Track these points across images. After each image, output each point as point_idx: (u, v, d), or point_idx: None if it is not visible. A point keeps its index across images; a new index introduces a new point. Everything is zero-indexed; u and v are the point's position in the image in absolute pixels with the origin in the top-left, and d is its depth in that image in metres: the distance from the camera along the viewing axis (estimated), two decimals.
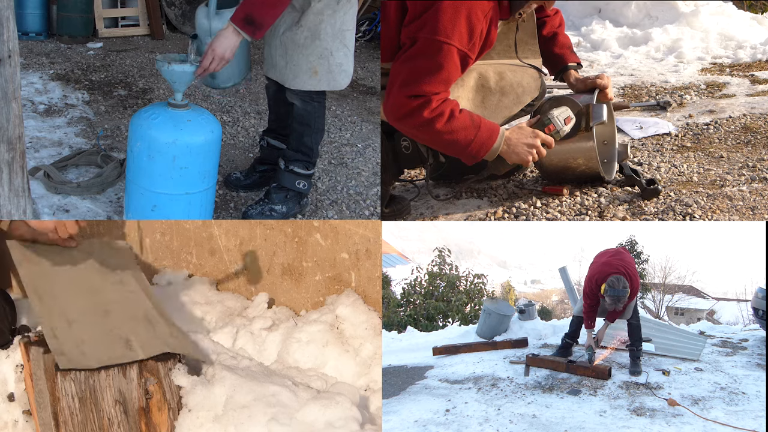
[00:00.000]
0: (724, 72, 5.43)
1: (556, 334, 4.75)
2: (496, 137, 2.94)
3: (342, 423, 2.31)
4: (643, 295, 12.17)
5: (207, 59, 2.88)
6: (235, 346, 2.91)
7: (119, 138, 4.35)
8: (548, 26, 3.34)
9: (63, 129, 4.40)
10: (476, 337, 4.92)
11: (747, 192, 3.22)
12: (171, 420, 2.29)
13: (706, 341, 4.35)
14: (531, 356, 3.94)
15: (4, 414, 2.46)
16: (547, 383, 3.54)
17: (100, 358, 2.24)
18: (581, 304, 4.04)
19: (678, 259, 20.78)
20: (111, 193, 3.62)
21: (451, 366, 4.11)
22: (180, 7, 7.16)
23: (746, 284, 15.53)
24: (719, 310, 16.56)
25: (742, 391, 3.36)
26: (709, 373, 3.71)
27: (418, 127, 2.88)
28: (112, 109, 4.89)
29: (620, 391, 3.36)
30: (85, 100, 4.98)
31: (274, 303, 3.25)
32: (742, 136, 3.98)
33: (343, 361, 2.82)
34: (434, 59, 2.82)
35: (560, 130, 3.05)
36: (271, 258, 3.23)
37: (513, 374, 3.77)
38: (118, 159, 3.76)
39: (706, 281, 20.53)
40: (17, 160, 2.76)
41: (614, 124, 3.41)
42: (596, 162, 3.18)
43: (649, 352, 4.13)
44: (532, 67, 3.25)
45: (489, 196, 3.34)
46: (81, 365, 2.20)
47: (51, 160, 3.87)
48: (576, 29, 7.01)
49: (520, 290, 27.41)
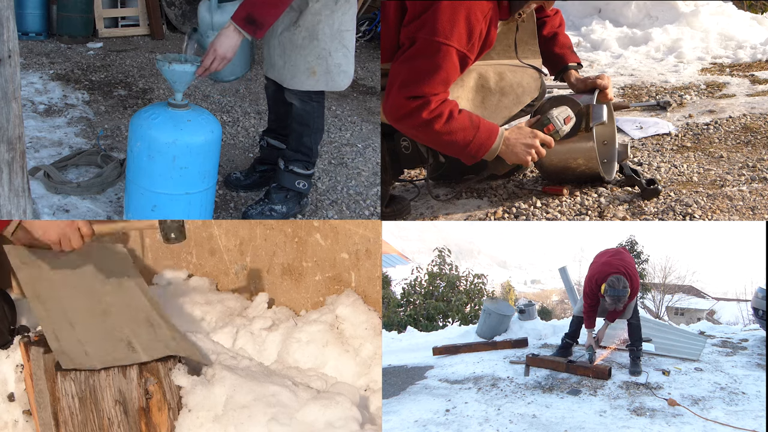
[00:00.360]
0: (724, 72, 5.43)
1: (556, 334, 4.75)
2: (495, 137, 2.94)
3: (342, 423, 2.31)
4: (643, 295, 12.17)
5: (208, 59, 2.88)
6: (235, 346, 2.91)
7: (119, 138, 4.35)
8: (548, 26, 3.34)
9: (63, 129, 4.40)
10: (476, 337, 4.92)
11: (747, 192, 3.22)
12: (171, 420, 2.29)
13: (706, 341, 4.35)
14: (531, 356, 3.94)
15: (4, 414, 2.46)
16: (547, 383, 3.54)
17: (103, 359, 2.25)
18: (581, 304, 4.03)
19: (678, 259, 20.77)
20: (111, 193, 3.62)
21: (451, 366, 4.11)
22: (180, 7, 7.16)
23: (746, 284, 15.53)
24: (719, 310, 16.55)
25: (742, 391, 3.35)
26: (709, 373, 3.71)
27: (417, 127, 2.88)
28: (112, 109, 4.89)
29: (620, 391, 3.36)
30: (85, 100, 4.98)
31: (274, 303, 3.25)
32: (742, 136, 3.98)
33: (343, 361, 2.82)
34: (433, 60, 2.82)
35: (560, 129, 3.05)
36: (271, 258, 3.23)
37: (513, 374, 3.76)
38: (118, 159, 3.76)
39: (706, 281, 20.54)
40: (17, 160, 2.76)
41: (614, 124, 3.41)
42: (596, 162, 3.18)
43: (649, 352, 4.13)
44: (532, 68, 3.25)
45: (489, 196, 3.34)
46: (84, 365, 2.20)
47: (51, 160, 3.87)
48: (576, 29, 7.01)
49: (520, 290, 27.41)
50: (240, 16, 2.86)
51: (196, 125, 2.88)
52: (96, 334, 2.35)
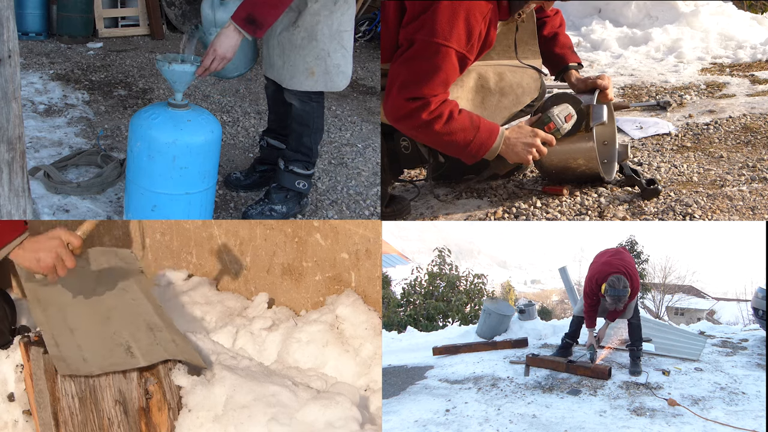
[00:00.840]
0: (724, 72, 5.43)
1: (556, 334, 4.75)
2: (496, 137, 2.94)
3: (342, 423, 2.31)
4: (643, 295, 12.17)
5: (208, 59, 2.88)
6: (235, 346, 2.91)
7: (119, 138, 4.35)
8: (548, 26, 3.34)
9: (63, 129, 4.40)
10: (476, 337, 4.92)
11: (747, 192, 3.22)
12: (171, 420, 2.29)
13: (706, 341, 4.35)
14: (531, 356, 3.94)
15: (4, 414, 2.46)
16: (547, 383, 3.54)
17: (101, 365, 2.25)
18: (581, 304, 4.03)
19: (678, 259, 20.78)
20: (111, 193, 3.62)
21: (451, 366, 4.11)
22: (180, 7, 7.16)
23: (746, 284, 15.54)
24: (719, 310, 16.56)
25: (742, 391, 3.36)
26: (709, 373, 3.71)
27: (417, 128, 2.88)
28: (111, 109, 4.89)
29: (620, 391, 3.36)
30: (85, 100, 4.98)
31: (274, 303, 3.25)
32: (742, 136, 3.98)
33: (343, 361, 2.82)
34: (432, 61, 2.81)
35: (560, 128, 3.05)
36: (271, 258, 3.23)
37: (513, 374, 3.77)
38: (118, 159, 3.76)
39: (706, 281, 20.54)
40: (17, 160, 2.76)
41: (614, 124, 3.41)
42: (596, 162, 3.18)
43: (649, 352, 4.13)
44: (532, 68, 3.25)
45: (489, 196, 3.34)
46: (81, 372, 2.20)
47: (51, 160, 3.87)
48: (576, 29, 7.01)
49: (520, 290, 27.41)
50: (240, 16, 2.86)
51: (196, 125, 2.88)
52: (95, 340, 2.35)
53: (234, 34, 2.87)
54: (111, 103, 4.99)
